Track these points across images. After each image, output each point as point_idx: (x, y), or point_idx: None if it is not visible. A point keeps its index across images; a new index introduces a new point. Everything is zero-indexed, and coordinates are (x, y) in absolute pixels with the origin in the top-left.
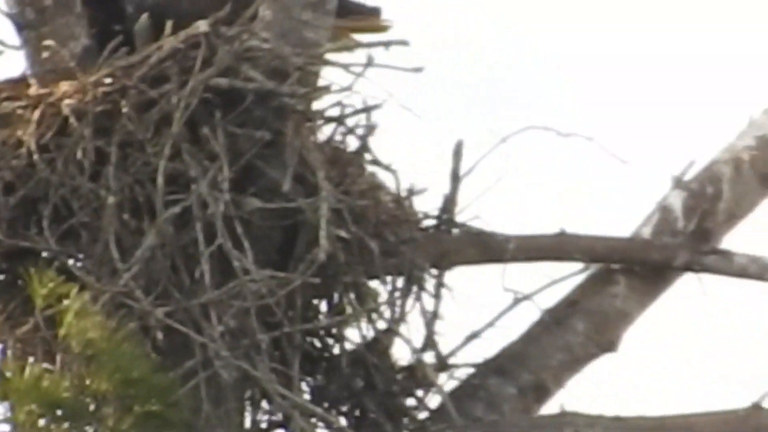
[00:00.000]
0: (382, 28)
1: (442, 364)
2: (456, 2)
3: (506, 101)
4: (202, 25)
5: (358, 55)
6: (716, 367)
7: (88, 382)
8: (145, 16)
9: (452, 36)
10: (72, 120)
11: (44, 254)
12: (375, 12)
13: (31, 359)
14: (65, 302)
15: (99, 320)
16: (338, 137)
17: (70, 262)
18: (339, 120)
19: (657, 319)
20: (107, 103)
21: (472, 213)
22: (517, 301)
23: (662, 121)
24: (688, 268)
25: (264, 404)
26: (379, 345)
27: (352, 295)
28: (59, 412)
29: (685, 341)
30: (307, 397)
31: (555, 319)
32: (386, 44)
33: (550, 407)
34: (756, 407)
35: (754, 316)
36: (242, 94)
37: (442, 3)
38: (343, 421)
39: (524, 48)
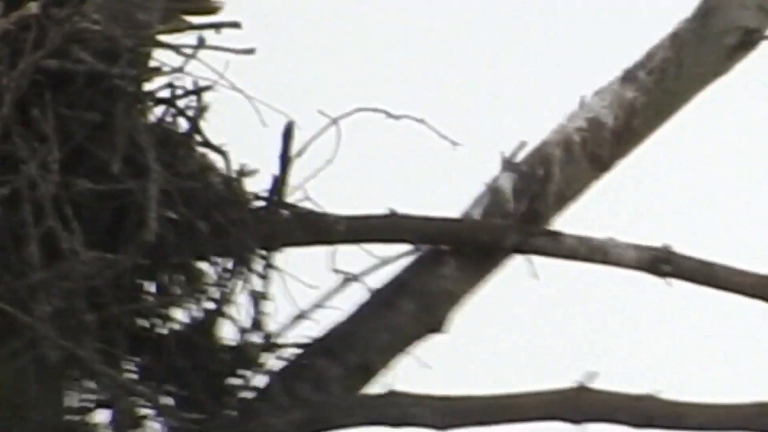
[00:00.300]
0: (214, 10)
1: (270, 345)
2: None
3: (338, 82)
4: (33, 7)
5: (190, 37)
6: (544, 348)
7: None
8: None
9: (285, 16)
10: None
11: None
12: None
13: None
14: None
15: None
16: (169, 119)
17: None
18: (169, 101)
19: (487, 300)
20: None
21: (302, 194)
22: (345, 282)
23: (493, 102)
24: (518, 249)
25: (90, 384)
26: (206, 325)
27: (180, 276)
28: None
29: (514, 322)
30: (133, 377)
31: (383, 299)
32: (217, 26)
33: (377, 388)
34: (582, 388)
35: (583, 297)
36: (73, 75)
37: None
38: (168, 401)
39: (350, 30)
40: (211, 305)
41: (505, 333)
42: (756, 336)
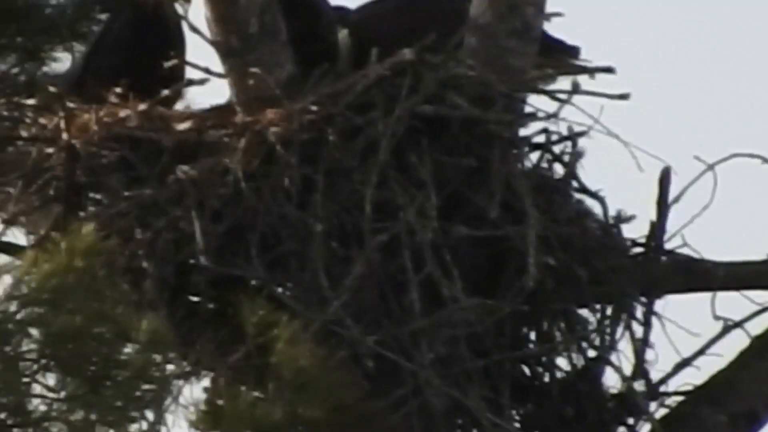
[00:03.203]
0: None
1: (653, 392)
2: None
3: (713, 128)
4: (408, 53)
5: (564, 82)
6: None
7: (299, 409)
8: (345, 33)
9: (658, 60)
10: (278, 148)
11: (253, 282)
12: (574, 51)
13: (242, 387)
14: (275, 330)
15: (309, 348)
16: (544, 164)
17: (279, 290)
18: (545, 147)
19: None
20: (313, 131)
21: (680, 240)
22: (727, 329)
23: None
24: None
25: None
26: (589, 373)
27: (561, 323)
28: None
29: None
30: (517, 425)
31: (766, 346)
32: (591, 71)
33: None
34: None
35: None
36: (448, 121)
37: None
38: None
39: (731, 74)
40: (592, 352)
41: None
42: None
